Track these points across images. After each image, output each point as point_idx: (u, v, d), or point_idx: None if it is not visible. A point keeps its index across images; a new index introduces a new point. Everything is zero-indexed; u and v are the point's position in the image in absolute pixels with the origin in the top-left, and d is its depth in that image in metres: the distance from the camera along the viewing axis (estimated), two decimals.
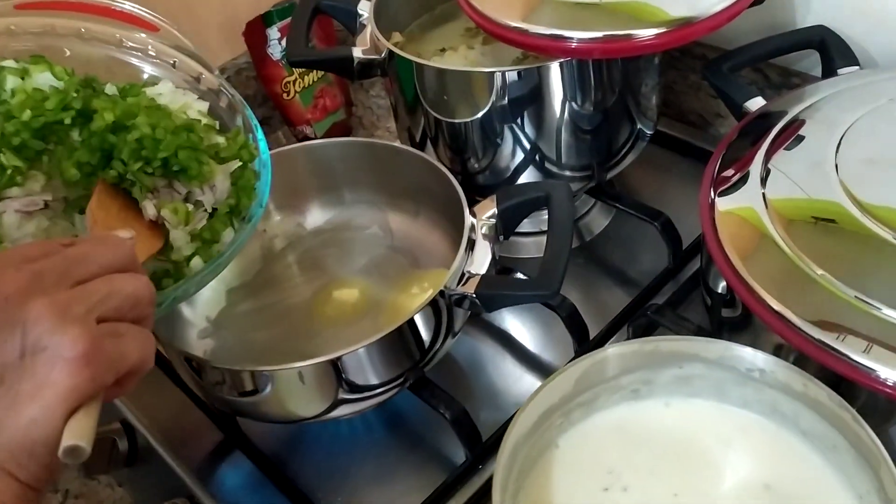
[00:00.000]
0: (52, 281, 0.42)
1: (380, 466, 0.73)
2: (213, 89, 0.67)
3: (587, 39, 0.70)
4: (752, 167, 0.67)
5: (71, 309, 0.41)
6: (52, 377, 0.39)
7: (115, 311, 0.43)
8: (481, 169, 0.83)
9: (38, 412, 0.39)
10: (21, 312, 0.40)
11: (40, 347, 0.40)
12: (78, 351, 0.39)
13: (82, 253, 0.45)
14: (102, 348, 0.41)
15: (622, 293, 0.83)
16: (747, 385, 0.57)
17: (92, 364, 0.40)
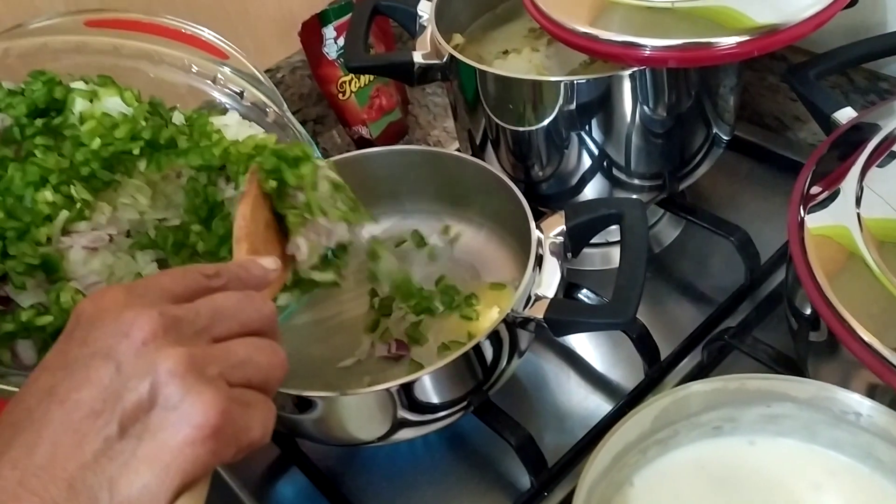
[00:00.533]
0: (190, 333, 0.39)
1: (440, 489, 0.71)
2: (280, 123, 0.65)
3: (662, 48, 0.66)
4: (844, 184, 0.62)
5: (207, 368, 0.38)
6: (175, 443, 0.36)
7: (247, 379, 0.40)
8: (546, 177, 0.79)
9: (153, 478, 0.35)
10: (156, 361, 0.37)
11: (170, 406, 0.36)
12: (208, 420, 0.36)
13: (228, 308, 0.41)
14: (231, 420, 0.37)
15: (694, 310, 0.79)
16: (840, 427, 0.53)
17: (218, 437, 0.37)
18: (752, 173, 0.90)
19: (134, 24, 0.65)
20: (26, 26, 0.64)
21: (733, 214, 0.80)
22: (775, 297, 0.76)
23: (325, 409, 0.62)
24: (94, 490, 0.35)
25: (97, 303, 0.39)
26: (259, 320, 0.42)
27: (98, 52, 0.62)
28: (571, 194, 0.79)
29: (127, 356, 0.37)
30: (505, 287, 0.76)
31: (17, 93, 0.56)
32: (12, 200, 0.51)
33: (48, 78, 0.57)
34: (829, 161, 0.66)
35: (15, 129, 0.55)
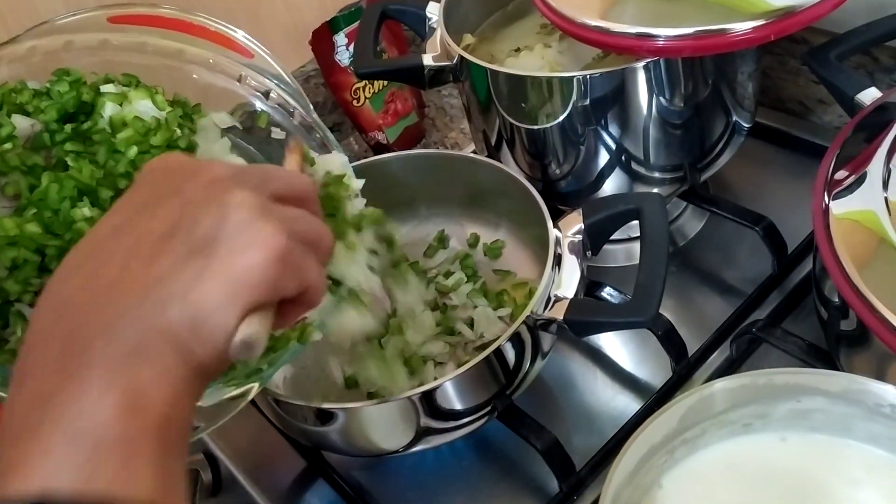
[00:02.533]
0: (252, 183, 0.41)
1: (469, 496, 0.70)
2: (305, 125, 0.64)
3: (676, 37, 0.64)
4: (870, 167, 0.60)
5: (270, 212, 0.40)
6: (243, 263, 0.37)
7: (303, 237, 0.41)
8: (563, 175, 0.78)
9: (222, 294, 0.37)
10: (225, 195, 0.39)
11: (237, 232, 0.38)
12: (274, 245, 0.38)
13: (278, 171, 0.45)
14: (294, 252, 0.39)
15: (721, 303, 0.77)
16: (876, 420, 0.52)
17: (282, 262, 0.38)
18: (776, 160, 0.88)
19: (158, 20, 0.64)
20: (52, 23, 0.63)
21: (758, 203, 0.78)
22: (804, 286, 0.74)
23: (348, 420, 0.61)
24: (165, 301, 0.36)
25: (163, 160, 0.43)
26: (305, 187, 0.45)
27: (122, 49, 0.62)
28: (590, 191, 0.78)
29: (196, 191, 0.39)
30: (528, 284, 0.75)
31: (43, 93, 0.56)
32: (49, 214, 0.51)
33: (74, 78, 0.57)
34: (854, 144, 0.64)
35: (45, 136, 0.55)
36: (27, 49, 0.59)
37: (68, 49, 0.60)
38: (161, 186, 0.40)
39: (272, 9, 1.01)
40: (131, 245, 0.37)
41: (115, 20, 0.64)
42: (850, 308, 0.55)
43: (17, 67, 0.59)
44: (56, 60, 0.59)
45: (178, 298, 0.36)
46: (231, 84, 0.65)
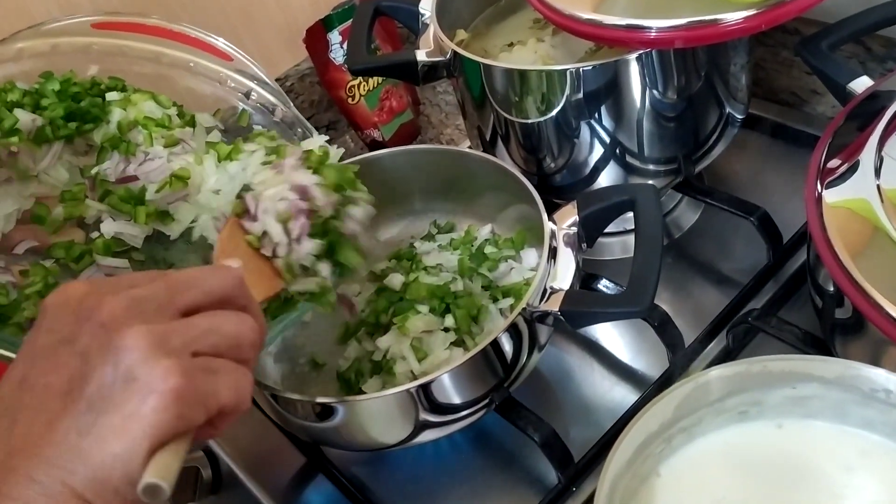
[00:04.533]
0: (152, 308, 0.41)
1: (468, 489, 0.70)
2: (287, 121, 0.65)
3: (667, 28, 0.64)
4: (862, 155, 0.60)
5: (167, 340, 0.39)
6: (140, 410, 0.38)
7: (213, 347, 0.41)
8: (558, 168, 0.78)
9: (122, 446, 0.37)
10: (117, 340, 0.39)
11: (131, 378, 0.38)
12: (169, 384, 0.38)
13: (186, 279, 0.43)
14: (194, 384, 0.39)
15: (717, 294, 0.77)
16: (871, 406, 0.52)
17: (182, 400, 0.38)
18: (770, 151, 0.88)
19: (139, 27, 0.65)
20: (38, 27, 0.65)
21: (753, 194, 0.78)
22: (800, 276, 0.74)
23: (347, 414, 0.62)
24: (68, 462, 0.37)
25: (61, 295, 0.41)
26: (221, 286, 0.44)
27: (106, 53, 0.64)
28: (585, 184, 0.78)
29: (89, 339, 0.39)
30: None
31: (33, 93, 0.58)
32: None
33: (65, 78, 0.59)
34: (847, 133, 0.64)
35: (47, 129, 0.57)
36: (16, 50, 0.62)
37: (55, 52, 0.63)
38: (58, 330, 0.40)
39: (265, 8, 1.01)
40: (34, 403, 0.38)
41: (99, 26, 0.66)
42: (844, 295, 0.55)
43: (5, 68, 0.61)
44: (43, 63, 0.61)
45: (81, 459, 0.37)
46: (213, 86, 0.66)
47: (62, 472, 0.37)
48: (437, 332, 0.67)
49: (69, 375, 0.39)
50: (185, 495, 0.74)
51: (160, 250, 0.61)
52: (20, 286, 0.55)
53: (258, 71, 0.67)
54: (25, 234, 0.58)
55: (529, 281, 0.72)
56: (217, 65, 0.65)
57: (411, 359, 0.66)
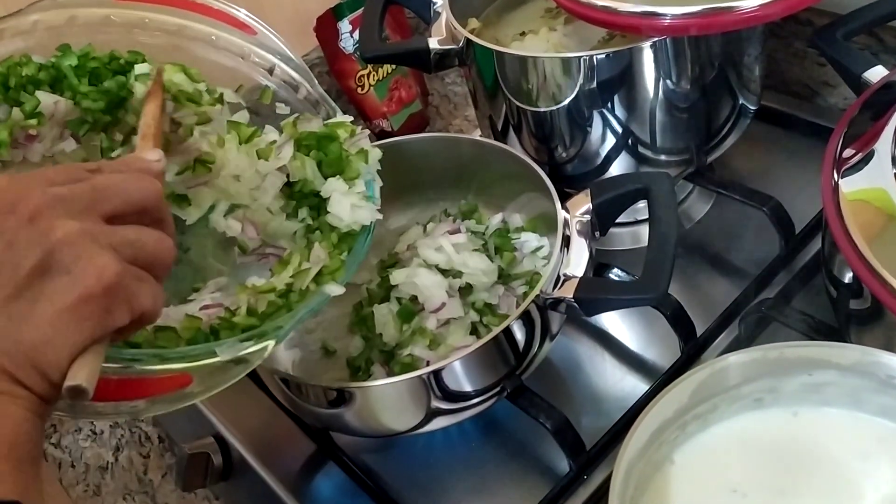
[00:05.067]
0: (76, 209, 0.41)
1: (478, 477, 0.70)
2: (311, 100, 0.64)
3: (682, 15, 0.64)
4: (878, 145, 0.60)
5: (98, 239, 0.40)
6: (72, 299, 0.39)
7: (135, 258, 0.42)
8: (570, 158, 0.78)
9: (54, 332, 0.38)
10: (47, 231, 0.39)
11: (64, 268, 0.39)
12: (104, 279, 0.39)
13: (110, 185, 0.44)
14: (124, 283, 0.40)
15: (729, 284, 0.77)
16: (887, 393, 0.52)
17: (113, 296, 0.40)
18: (781, 142, 0.88)
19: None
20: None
21: (764, 185, 0.78)
22: (812, 266, 0.74)
23: (360, 399, 0.62)
24: (1, 344, 0.38)
25: None
26: (144, 196, 0.45)
27: (125, 25, 0.62)
28: (597, 174, 0.78)
29: (16, 230, 0.39)
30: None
31: (49, 67, 0.57)
32: None
33: (83, 52, 0.58)
34: (862, 122, 0.64)
35: (87, 123, 0.57)
36: (31, 23, 0.60)
37: (71, 24, 0.61)
38: None
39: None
40: None
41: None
42: (862, 284, 0.55)
43: (20, 41, 0.59)
44: (59, 35, 0.60)
45: (10, 339, 0.38)
46: (235, 61, 0.65)
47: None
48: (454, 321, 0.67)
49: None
50: (197, 481, 0.74)
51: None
52: None
53: (283, 46, 0.65)
54: None
55: (538, 270, 0.72)
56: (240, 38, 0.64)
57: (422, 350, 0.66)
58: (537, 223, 0.76)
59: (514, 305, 0.70)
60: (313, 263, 0.59)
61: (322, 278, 0.59)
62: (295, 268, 0.59)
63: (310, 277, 0.58)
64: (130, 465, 0.82)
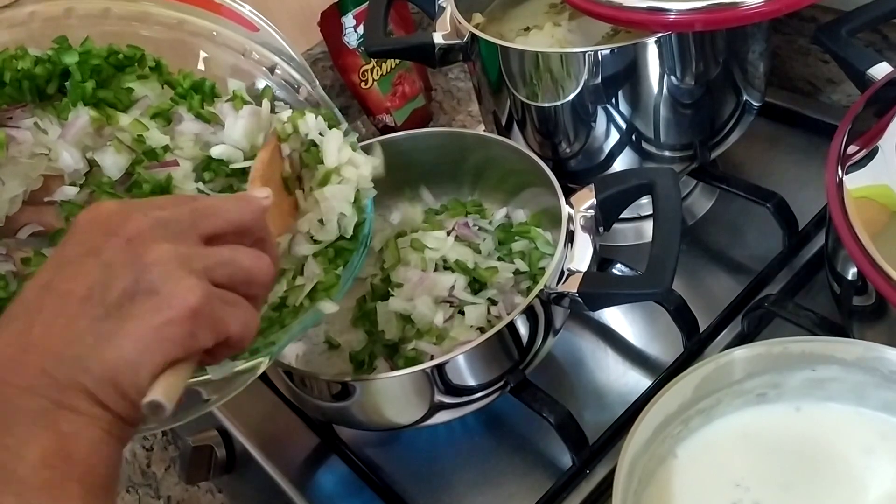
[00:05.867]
0: (176, 231, 0.42)
1: (481, 471, 0.70)
2: (311, 101, 0.64)
3: (687, 10, 0.64)
4: (882, 141, 0.60)
5: (191, 262, 0.41)
6: (157, 321, 0.39)
7: (230, 279, 0.43)
8: (574, 153, 0.78)
9: (136, 353, 0.39)
10: (141, 254, 0.40)
11: (153, 291, 0.39)
12: (189, 303, 0.39)
13: (210, 206, 0.44)
14: (211, 307, 0.41)
15: (731, 280, 0.77)
16: (890, 388, 0.52)
17: (198, 320, 0.40)
18: (785, 139, 0.88)
19: None
20: None
21: (768, 181, 0.78)
22: (816, 263, 0.74)
23: (362, 393, 0.62)
24: (82, 360, 0.38)
25: (92, 212, 0.43)
26: (244, 217, 0.45)
27: (124, 18, 0.61)
28: (600, 169, 0.78)
29: (114, 252, 0.40)
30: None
31: (45, 60, 0.56)
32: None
33: (85, 49, 0.57)
34: (866, 119, 0.64)
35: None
36: (27, 14, 0.59)
37: (69, 16, 0.60)
38: (86, 242, 0.41)
39: None
40: (54, 306, 0.40)
41: None
42: (866, 279, 0.55)
43: (16, 32, 0.58)
44: (56, 27, 0.59)
45: (94, 358, 0.39)
46: (235, 58, 0.64)
47: (74, 369, 0.38)
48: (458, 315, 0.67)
49: (91, 283, 0.40)
50: (200, 474, 0.74)
51: None
52: (21, 276, 0.53)
53: (285, 45, 0.65)
54: (31, 216, 0.55)
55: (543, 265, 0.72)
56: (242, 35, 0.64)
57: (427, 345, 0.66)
58: (541, 218, 0.76)
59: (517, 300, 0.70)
60: (308, 279, 0.58)
61: (316, 294, 0.58)
62: (289, 281, 0.58)
63: (304, 294, 0.57)
64: (134, 457, 0.82)
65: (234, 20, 0.65)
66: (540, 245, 0.74)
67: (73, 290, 0.40)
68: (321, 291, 0.58)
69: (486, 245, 0.74)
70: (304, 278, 0.58)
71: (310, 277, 0.58)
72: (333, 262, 0.60)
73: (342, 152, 0.61)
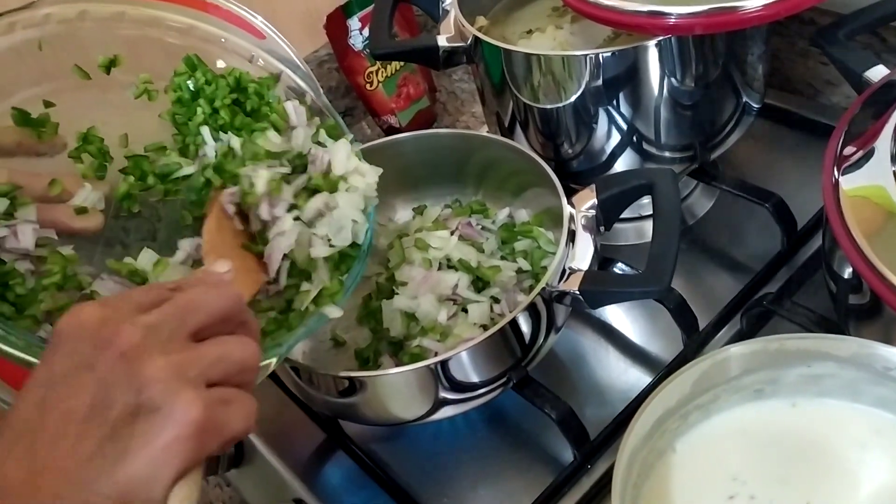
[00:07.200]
0: (166, 335, 0.42)
1: (484, 466, 0.71)
2: (315, 109, 0.65)
3: (687, 14, 0.65)
4: (878, 142, 0.61)
5: (186, 372, 0.41)
6: (163, 439, 0.39)
7: (224, 375, 0.44)
8: (575, 154, 0.79)
9: (148, 472, 0.39)
10: (138, 370, 0.40)
11: (154, 408, 0.40)
12: (191, 417, 0.40)
13: (192, 301, 0.45)
14: (213, 416, 0.41)
15: (731, 279, 0.78)
16: (884, 384, 0.53)
17: (202, 432, 0.40)
18: (784, 140, 0.89)
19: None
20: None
21: (767, 182, 0.79)
22: (814, 262, 0.75)
23: (368, 389, 0.63)
24: (94, 482, 0.39)
25: (75, 318, 0.42)
26: (224, 305, 0.46)
27: (137, 22, 0.62)
28: (602, 170, 0.79)
29: (109, 367, 0.40)
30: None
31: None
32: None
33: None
34: (863, 120, 0.65)
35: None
36: (42, 16, 0.60)
37: (83, 18, 0.61)
38: (75, 355, 0.41)
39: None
40: (56, 427, 0.40)
41: None
42: (861, 279, 0.56)
43: (32, 33, 0.59)
44: (71, 29, 0.60)
45: (106, 480, 0.39)
46: (242, 64, 0.65)
47: (88, 492, 0.38)
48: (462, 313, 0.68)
49: (90, 401, 0.40)
50: (209, 468, 0.75)
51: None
52: (38, 274, 0.54)
53: (290, 53, 0.66)
54: (44, 214, 0.56)
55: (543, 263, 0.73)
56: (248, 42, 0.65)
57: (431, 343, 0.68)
58: (543, 218, 0.77)
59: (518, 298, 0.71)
60: (315, 285, 0.60)
61: (321, 300, 0.60)
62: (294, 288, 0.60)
63: (310, 298, 0.59)
64: None
65: (242, 27, 0.66)
66: (542, 244, 0.75)
67: (73, 408, 0.40)
68: (326, 297, 0.60)
69: (490, 244, 0.76)
70: (308, 284, 0.60)
71: (316, 284, 0.60)
72: (338, 269, 0.62)
73: (350, 161, 0.62)
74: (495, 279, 0.71)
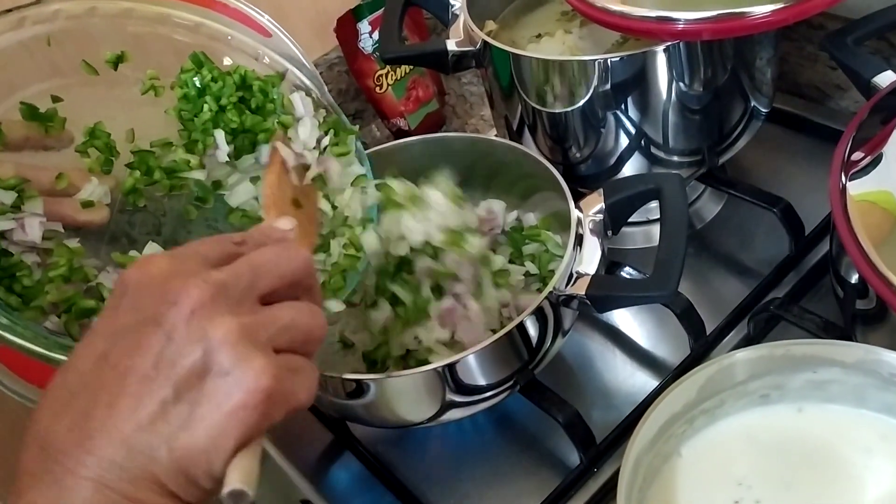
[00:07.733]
0: (235, 296, 0.40)
1: (491, 469, 0.72)
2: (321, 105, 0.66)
3: (696, 20, 0.66)
4: (886, 148, 0.61)
5: (257, 336, 0.39)
6: (229, 407, 0.37)
7: (291, 342, 0.42)
8: (583, 158, 0.80)
9: (210, 440, 0.37)
10: (208, 330, 0.38)
11: (223, 372, 0.38)
12: (262, 384, 0.38)
13: (264, 263, 0.43)
14: (282, 385, 0.39)
15: (738, 284, 0.78)
16: (890, 390, 0.53)
17: (269, 401, 0.38)
18: (793, 145, 0.89)
19: None
20: None
21: (775, 186, 0.79)
22: (821, 267, 0.75)
23: (376, 391, 0.63)
24: (152, 449, 0.37)
25: (143, 270, 0.40)
26: (296, 268, 0.44)
27: (145, 19, 0.63)
28: (610, 174, 0.80)
29: (177, 324, 0.38)
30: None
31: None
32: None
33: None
34: (871, 126, 0.65)
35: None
36: (52, 11, 0.60)
37: (91, 15, 0.61)
38: (141, 308, 0.39)
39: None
40: (115, 382, 0.37)
41: None
42: (868, 284, 0.56)
43: (41, 29, 0.60)
44: (80, 25, 0.61)
45: (165, 446, 0.37)
46: (247, 62, 0.66)
47: (145, 458, 0.37)
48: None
49: (155, 358, 0.38)
50: None
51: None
52: (44, 266, 0.54)
53: (296, 51, 0.67)
54: (51, 206, 0.56)
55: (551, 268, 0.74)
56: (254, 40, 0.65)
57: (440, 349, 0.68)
58: (551, 222, 0.77)
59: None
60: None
61: (324, 293, 0.59)
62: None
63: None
64: None
65: (249, 25, 0.66)
66: (550, 248, 0.75)
67: (135, 365, 0.38)
68: (329, 291, 0.60)
69: (501, 249, 0.76)
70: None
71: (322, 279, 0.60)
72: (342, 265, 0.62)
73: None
74: (503, 283, 0.71)
